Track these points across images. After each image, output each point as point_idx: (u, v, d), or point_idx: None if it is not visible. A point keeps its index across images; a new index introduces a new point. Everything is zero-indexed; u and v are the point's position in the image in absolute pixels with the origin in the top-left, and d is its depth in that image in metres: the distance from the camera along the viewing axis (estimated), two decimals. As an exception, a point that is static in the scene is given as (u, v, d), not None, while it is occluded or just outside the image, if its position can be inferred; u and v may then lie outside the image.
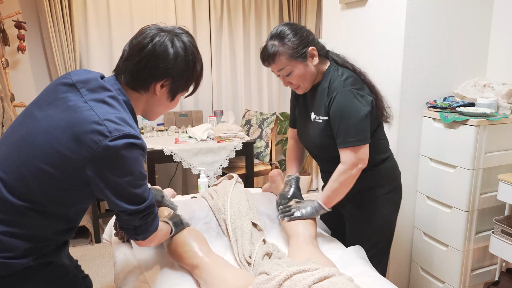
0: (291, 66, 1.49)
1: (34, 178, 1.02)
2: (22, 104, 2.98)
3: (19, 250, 1.04)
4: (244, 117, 3.79)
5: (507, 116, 1.94)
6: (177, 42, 1.13)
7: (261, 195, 1.91)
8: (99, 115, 1.01)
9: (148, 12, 3.51)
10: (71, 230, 1.20)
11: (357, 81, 1.51)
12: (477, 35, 2.17)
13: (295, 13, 3.97)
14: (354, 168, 1.47)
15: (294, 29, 1.48)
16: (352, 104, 1.45)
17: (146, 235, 1.16)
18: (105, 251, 2.95)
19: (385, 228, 1.69)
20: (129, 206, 1.06)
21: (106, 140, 0.98)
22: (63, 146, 0.99)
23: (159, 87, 1.14)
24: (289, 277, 1.13)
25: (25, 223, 1.04)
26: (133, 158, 1.03)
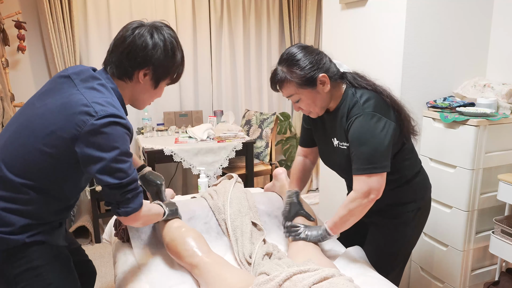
0: (300, 93, 1.42)
1: (32, 158, 1.15)
2: (22, 104, 2.98)
3: (16, 226, 1.15)
4: (244, 117, 3.79)
5: (507, 116, 1.94)
6: (155, 33, 1.24)
7: (261, 194, 1.91)
8: (88, 99, 1.14)
9: (148, 12, 3.51)
10: (66, 209, 1.29)
11: (378, 103, 1.40)
12: (477, 35, 2.17)
13: (295, 13, 3.97)
14: (365, 198, 1.37)
15: (304, 54, 1.41)
16: (371, 130, 1.36)
17: (128, 211, 1.20)
18: (105, 251, 2.95)
19: (409, 246, 1.64)
20: (112, 180, 1.14)
21: (93, 119, 1.11)
22: (56, 126, 1.13)
23: (142, 75, 1.25)
24: (289, 278, 1.13)
25: (23, 200, 1.15)
26: (117, 135, 1.14)
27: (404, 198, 1.55)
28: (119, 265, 1.51)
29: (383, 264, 1.57)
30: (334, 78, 1.45)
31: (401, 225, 1.56)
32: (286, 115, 4.11)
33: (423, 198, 1.59)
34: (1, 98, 2.57)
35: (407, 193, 1.55)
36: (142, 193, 1.24)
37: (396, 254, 1.62)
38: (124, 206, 1.19)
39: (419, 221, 1.61)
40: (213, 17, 3.75)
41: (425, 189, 1.61)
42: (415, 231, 1.62)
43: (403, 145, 1.50)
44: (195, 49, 3.75)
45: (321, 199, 2.96)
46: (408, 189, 1.54)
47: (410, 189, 1.55)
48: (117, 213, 1.21)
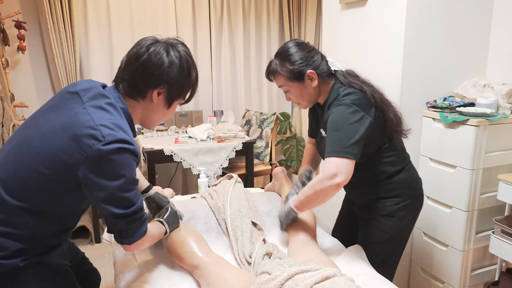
0: (288, 86, 1.54)
1: (29, 179, 1.07)
2: (22, 104, 2.98)
3: (10, 250, 1.09)
4: (244, 117, 3.79)
5: (507, 116, 1.94)
6: (172, 51, 1.19)
7: (261, 194, 1.91)
8: (95, 120, 1.06)
9: (148, 12, 3.51)
10: (64, 232, 1.23)
11: (358, 99, 1.47)
12: (477, 35, 2.17)
13: (295, 13, 3.97)
14: (331, 179, 1.39)
15: (297, 50, 1.51)
16: (345, 119, 1.43)
17: (132, 240, 1.15)
18: (105, 251, 2.95)
19: (398, 240, 1.66)
20: (116, 210, 1.08)
21: (99, 144, 1.03)
22: (59, 149, 1.05)
23: (155, 94, 1.19)
24: (291, 277, 1.13)
25: (19, 223, 1.09)
26: (124, 162, 1.07)
27: (386, 193, 1.60)
28: (119, 265, 1.51)
29: (373, 258, 1.60)
30: (322, 76, 1.53)
31: (385, 217, 1.61)
32: (286, 115, 4.11)
33: (408, 195, 1.62)
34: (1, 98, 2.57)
35: (389, 188, 1.60)
36: (146, 220, 1.18)
37: (379, 248, 1.64)
38: (128, 236, 1.14)
39: (406, 216, 1.62)
40: (213, 17, 3.75)
41: (410, 186, 1.64)
42: (401, 225, 1.63)
43: (386, 142, 1.56)
44: (195, 49, 3.75)
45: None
46: (389, 184, 1.59)
47: (391, 185, 1.59)
48: (120, 242, 1.16)
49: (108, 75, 3.44)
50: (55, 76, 3.25)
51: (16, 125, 2.69)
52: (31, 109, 3.12)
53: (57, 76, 3.21)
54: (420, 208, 1.70)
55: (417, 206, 1.69)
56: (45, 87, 3.34)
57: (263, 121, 3.60)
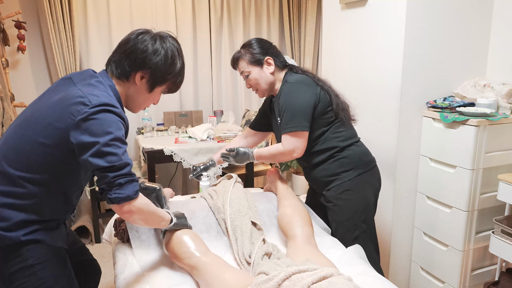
0: (249, 69, 1.77)
1: (29, 149, 1.17)
2: (22, 104, 2.98)
3: (12, 221, 1.16)
4: (244, 117, 3.79)
5: (507, 116, 1.94)
6: (158, 41, 1.30)
7: (261, 194, 1.92)
8: (84, 92, 1.18)
9: (148, 12, 3.51)
10: (64, 210, 1.29)
11: (302, 78, 1.72)
12: (477, 35, 2.17)
13: (295, 13, 3.97)
14: (290, 155, 1.68)
15: (259, 41, 1.80)
16: (292, 95, 1.67)
17: (120, 197, 1.14)
18: (105, 251, 2.95)
19: (364, 210, 1.76)
20: (103, 163, 1.12)
21: (87, 107, 1.14)
22: (53, 118, 1.16)
23: (139, 77, 1.29)
24: (288, 277, 1.13)
25: (20, 194, 1.17)
26: (110, 121, 1.15)
27: (341, 167, 1.75)
28: (119, 265, 1.51)
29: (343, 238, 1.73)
30: (278, 65, 1.79)
31: (345, 193, 1.74)
32: (286, 115, 4.11)
33: (361, 166, 1.77)
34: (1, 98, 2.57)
35: (343, 163, 1.75)
36: (137, 183, 1.19)
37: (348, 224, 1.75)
38: (116, 191, 1.14)
39: (364, 188, 1.77)
40: (213, 17, 3.75)
41: (361, 159, 1.78)
42: (362, 198, 1.76)
43: (334, 120, 1.74)
44: (195, 49, 3.75)
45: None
46: (342, 159, 1.75)
47: (344, 159, 1.75)
48: (109, 199, 1.15)
49: (108, 75, 3.43)
50: (55, 76, 3.25)
51: (16, 125, 2.69)
52: (31, 109, 3.12)
53: (57, 76, 3.21)
54: (376, 178, 1.84)
55: (372, 177, 1.82)
56: (45, 87, 3.32)
57: (263, 121, 3.59)
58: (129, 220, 1.23)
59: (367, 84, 2.25)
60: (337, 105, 1.74)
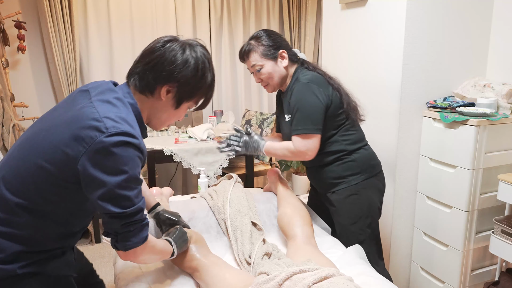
0: (262, 62, 1.68)
1: (30, 173, 1.03)
2: (22, 104, 2.98)
3: (7, 252, 1.03)
4: (244, 117, 3.79)
5: (507, 116, 1.94)
6: (188, 50, 1.14)
7: (261, 194, 1.92)
8: (100, 113, 1.01)
9: (148, 12, 3.51)
10: (67, 237, 1.15)
11: (315, 78, 1.64)
12: (477, 35, 2.17)
13: (295, 13, 3.97)
14: (300, 155, 1.63)
15: (270, 33, 1.70)
16: (305, 95, 1.60)
17: (127, 246, 1.05)
18: (105, 251, 2.95)
19: (369, 214, 1.74)
20: (113, 209, 1.00)
21: (102, 136, 0.97)
22: (61, 141, 1.00)
23: (164, 91, 1.13)
24: (289, 277, 1.13)
25: (18, 223, 1.04)
26: (127, 157, 1.00)
27: (348, 170, 1.71)
28: (119, 265, 1.51)
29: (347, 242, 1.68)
30: (291, 59, 1.72)
31: (351, 197, 1.71)
32: (286, 115, 4.11)
33: (368, 171, 1.74)
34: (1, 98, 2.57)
35: (350, 166, 1.71)
36: (147, 226, 1.09)
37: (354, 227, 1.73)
38: (123, 239, 1.04)
39: (370, 192, 1.73)
40: (213, 17, 3.75)
41: (369, 163, 1.75)
42: (367, 201, 1.73)
43: (344, 121, 1.70)
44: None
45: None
46: (350, 162, 1.71)
47: (352, 163, 1.71)
48: (115, 247, 1.05)
49: (108, 75, 3.44)
50: (55, 76, 3.25)
51: (16, 125, 2.69)
52: (31, 109, 3.13)
53: (57, 76, 3.21)
54: (382, 183, 1.82)
55: (378, 181, 1.79)
56: (45, 87, 3.34)
57: (263, 121, 3.60)
58: (131, 261, 1.13)
59: (367, 84, 2.25)
60: (348, 105, 1.69)
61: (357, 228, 1.72)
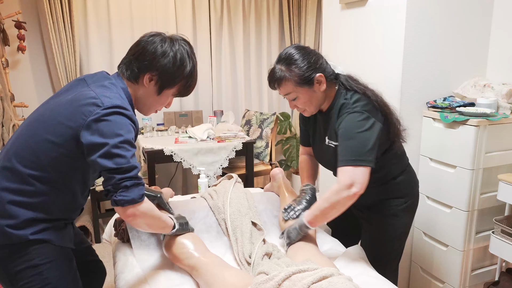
0: (297, 92, 1.47)
1: (40, 147, 1.18)
2: (22, 104, 2.98)
3: (20, 219, 1.17)
4: (244, 117, 3.79)
5: (507, 116, 1.94)
6: (168, 43, 1.30)
7: (261, 194, 1.91)
8: (96, 93, 1.20)
9: (148, 13, 3.51)
10: (72, 209, 1.31)
11: (367, 105, 1.46)
12: (477, 35, 2.17)
13: (295, 13, 3.97)
14: (348, 190, 1.37)
15: (302, 54, 1.46)
16: (358, 126, 1.41)
17: (125, 200, 1.13)
18: (105, 251, 2.95)
19: (402, 237, 1.69)
20: (111, 164, 1.13)
21: (99, 109, 1.16)
22: (64, 117, 1.18)
23: (147, 79, 1.29)
24: (288, 277, 1.13)
25: (29, 192, 1.18)
26: (121, 123, 1.17)
27: (391, 194, 1.63)
28: (119, 265, 1.51)
29: (378, 259, 1.62)
30: (329, 79, 1.51)
31: (390, 217, 1.63)
32: (286, 115, 4.11)
33: (410, 195, 1.66)
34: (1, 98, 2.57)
35: (394, 189, 1.63)
36: (143, 186, 1.19)
37: (388, 248, 1.67)
38: (121, 193, 1.13)
39: (407, 215, 1.67)
40: (213, 17, 3.75)
41: (411, 187, 1.68)
42: (404, 225, 1.67)
43: (390, 146, 1.56)
44: (195, 49, 3.69)
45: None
46: (394, 186, 1.62)
47: (396, 186, 1.62)
48: (114, 201, 1.14)
49: (108, 75, 3.44)
50: (55, 76, 3.25)
51: (16, 125, 2.69)
52: (31, 109, 3.12)
53: (57, 76, 3.21)
54: (417, 206, 1.74)
55: (416, 205, 1.73)
56: (45, 87, 3.34)
57: (263, 121, 3.60)
58: (132, 223, 1.22)
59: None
60: (394, 129, 1.53)
61: (390, 247, 1.68)
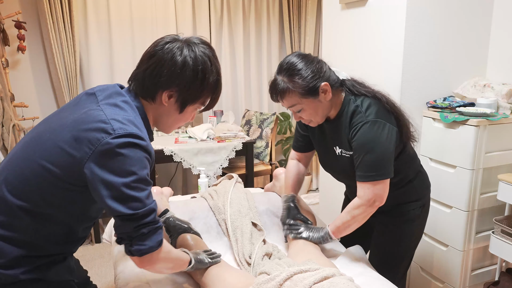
0: (302, 103, 1.40)
1: (33, 175, 1.01)
2: (22, 104, 2.98)
3: (8, 257, 1.02)
4: (244, 117, 3.79)
5: (507, 116, 1.94)
6: (186, 51, 1.08)
7: (261, 195, 1.91)
8: (107, 115, 1.00)
9: (148, 12, 3.51)
10: (71, 242, 1.14)
11: (379, 110, 1.40)
12: (477, 35, 2.17)
13: (295, 13, 3.97)
14: (370, 206, 1.39)
15: (305, 63, 1.39)
16: (375, 137, 1.36)
17: (142, 250, 1.01)
18: (105, 251, 2.95)
19: (416, 242, 1.68)
20: (124, 210, 0.97)
21: (109, 137, 0.96)
22: (66, 143, 0.99)
23: (166, 96, 1.10)
24: (290, 277, 1.13)
25: (19, 226, 1.02)
26: (135, 158, 0.98)
27: (408, 198, 1.58)
28: (119, 265, 1.51)
29: (390, 265, 1.60)
30: (335, 86, 1.43)
31: (406, 222, 1.59)
32: (286, 115, 4.11)
33: (425, 197, 1.63)
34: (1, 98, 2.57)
35: (410, 192, 1.58)
36: (161, 230, 1.06)
37: (402, 253, 1.65)
38: (138, 243, 1.00)
39: (422, 219, 1.65)
40: (213, 17, 3.75)
41: (426, 188, 1.65)
42: (418, 229, 1.65)
43: (404, 148, 1.51)
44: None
45: (321, 199, 2.96)
46: (411, 189, 1.58)
47: (412, 189, 1.58)
48: (130, 251, 1.01)
49: (108, 75, 3.44)
50: (55, 76, 3.25)
51: (16, 125, 2.69)
52: (31, 109, 3.13)
53: (57, 76, 3.21)
54: (428, 210, 1.70)
55: (428, 209, 1.68)
56: (45, 87, 3.34)
57: (263, 121, 3.60)
58: (150, 270, 1.10)
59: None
60: (406, 131, 1.47)
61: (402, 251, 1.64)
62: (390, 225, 1.62)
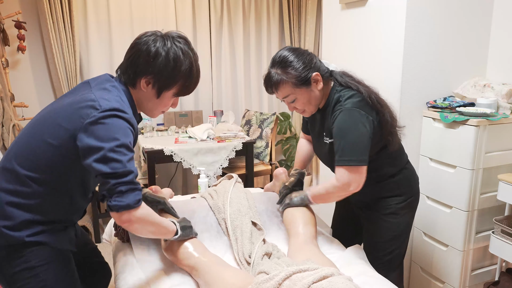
0: (296, 93, 1.49)
1: (39, 149, 1.18)
2: (22, 104, 2.98)
3: (17, 220, 1.17)
4: (244, 117, 3.79)
5: (507, 116, 1.94)
6: (160, 42, 1.24)
7: (261, 194, 1.91)
8: (96, 96, 1.18)
9: (148, 12, 3.51)
10: (71, 212, 1.29)
11: (359, 101, 1.47)
12: (477, 35, 2.17)
13: (295, 13, 3.97)
14: (345, 189, 1.45)
15: (296, 55, 1.48)
16: (350, 123, 1.43)
17: (120, 205, 1.10)
18: (105, 251, 2.94)
19: (402, 236, 1.69)
20: (106, 169, 1.10)
21: (96, 112, 1.14)
22: (63, 119, 1.17)
23: (144, 83, 1.26)
24: (288, 277, 1.13)
25: (26, 193, 1.18)
26: (118, 126, 1.14)
27: (388, 192, 1.63)
28: (119, 265, 1.51)
29: (379, 258, 1.63)
30: (325, 76, 1.52)
31: (389, 216, 1.63)
32: (286, 115, 4.11)
33: (409, 192, 1.66)
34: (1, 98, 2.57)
35: (391, 187, 1.62)
36: (140, 192, 1.15)
37: (388, 246, 1.67)
38: (116, 199, 1.10)
39: (407, 214, 1.67)
40: (213, 17, 3.75)
41: (410, 184, 1.67)
42: (404, 223, 1.67)
43: (385, 146, 1.55)
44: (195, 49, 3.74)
45: (321, 199, 2.95)
46: (391, 184, 1.62)
47: (393, 184, 1.62)
48: (109, 207, 1.11)
49: (108, 75, 3.44)
50: (55, 76, 3.25)
51: (16, 125, 2.69)
52: (31, 109, 3.12)
53: (57, 76, 3.21)
54: (417, 204, 1.74)
55: (416, 203, 1.72)
56: (45, 87, 3.34)
57: (263, 121, 3.60)
58: (129, 229, 1.19)
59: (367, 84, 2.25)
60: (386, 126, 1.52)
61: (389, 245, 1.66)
62: (373, 218, 1.67)
